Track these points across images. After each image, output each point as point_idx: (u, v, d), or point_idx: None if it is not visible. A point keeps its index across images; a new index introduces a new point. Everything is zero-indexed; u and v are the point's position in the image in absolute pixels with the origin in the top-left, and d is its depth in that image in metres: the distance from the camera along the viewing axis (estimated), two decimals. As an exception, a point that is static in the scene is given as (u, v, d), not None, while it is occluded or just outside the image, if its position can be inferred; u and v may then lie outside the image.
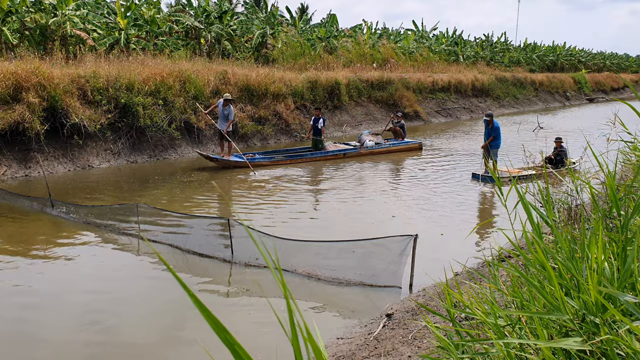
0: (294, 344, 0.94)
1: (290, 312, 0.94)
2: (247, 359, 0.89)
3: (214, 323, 0.88)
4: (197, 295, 0.91)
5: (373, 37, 35.75)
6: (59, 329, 5.47)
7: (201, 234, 7.90)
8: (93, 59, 17.51)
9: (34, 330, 5.42)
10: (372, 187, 12.04)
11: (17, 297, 6.21)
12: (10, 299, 6.17)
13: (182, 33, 26.67)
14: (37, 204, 9.87)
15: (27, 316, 5.73)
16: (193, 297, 0.89)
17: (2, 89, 13.23)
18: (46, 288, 6.50)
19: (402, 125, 17.75)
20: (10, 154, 13.10)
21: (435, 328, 2.30)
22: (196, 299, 0.90)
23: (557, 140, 13.28)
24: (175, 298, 6.06)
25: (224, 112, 14.32)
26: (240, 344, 0.89)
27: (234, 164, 14.15)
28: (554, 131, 21.92)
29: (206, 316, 0.88)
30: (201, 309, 0.89)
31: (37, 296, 6.23)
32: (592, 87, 48.58)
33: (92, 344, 5.15)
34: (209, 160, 14.26)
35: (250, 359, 0.90)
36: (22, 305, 6.01)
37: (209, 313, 0.88)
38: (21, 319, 5.69)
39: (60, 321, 5.63)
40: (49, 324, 5.56)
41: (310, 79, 22.15)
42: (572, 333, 1.83)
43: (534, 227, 2.29)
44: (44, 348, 5.07)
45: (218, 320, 0.88)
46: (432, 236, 8.14)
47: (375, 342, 4.74)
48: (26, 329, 5.42)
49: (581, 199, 4.95)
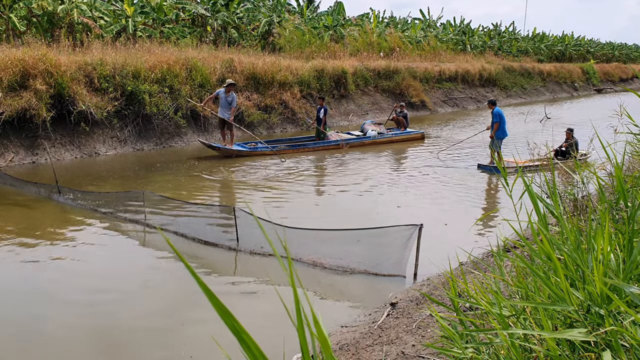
0: (299, 331, 0.94)
1: (297, 300, 0.94)
2: (253, 345, 0.90)
3: (220, 309, 0.88)
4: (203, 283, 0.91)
5: (380, 25, 35.54)
6: (63, 316, 5.51)
7: (206, 222, 7.93)
8: (100, 46, 17.50)
9: (39, 317, 5.47)
10: (375, 177, 12.01)
11: (23, 285, 6.26)
12: (16, 286, 6.23)
13: (189, 20, 26.59)
14: (44, 190, 9.92)
15: (32, 303, 5.78)
16: (201, 282, 0.90)
17: (10, 76, 13.26)
18: (51, 275, 6.55)
19: (405, 115, 17.68)
20: (18, 140, 13.15)
21: (440, 317, 2.31)
22: (204, 284, 0.91)
23: (568, 131, 13.05)
24: (182, 285, 6.10)
25: (227, 99, 14.05)
26: (246, 331, 0.90)
27: (236, 153, 14.14)
28: (561, 122, 21.80)
29: (213, 302, 0.88)
30: (209, 295, 0.90)
31: (42, 283, 6.28)
32: (600, 78, 48.20)
33: (96, 331, 5.19)
34: (212, 149, 14.23)
35: (256, 344, 0.91)
36: (27, 292, 6.06)
37: (216, 299, 0.88)
38: (27, 306, 5.73)
39: (65, 308, 5.68)
40: (53, 312, 5.61)
41: (317, 67, 22.08)
42: (577, 324, 1.83)
43: (539, 217, 2.28)
44: (48, 337, 5.12)
45: (225, 306, 0.89)
46: (437, 226, 8.14)
47: (379, 330, 4.76)
48: (31, 316, 5.47)
49: (588, 190, 4.94)
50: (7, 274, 6.62)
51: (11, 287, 6.22)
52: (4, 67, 13.33)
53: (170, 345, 4.91)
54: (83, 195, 9.53)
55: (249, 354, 0.92)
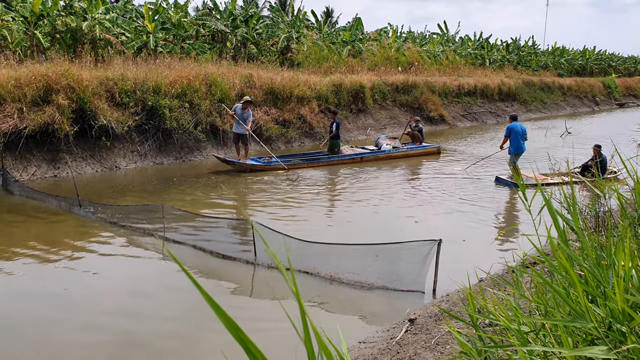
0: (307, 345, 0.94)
1: (303, 314, 0.94)
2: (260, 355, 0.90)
3: (226, 320, 0.88)
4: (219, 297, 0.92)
5: (398, 40, 35.64)
6: (82, 329, 5.55)
7: (224, 236, 7.96)
8: (121, 61, 17.79)
9: (56, 326, 5.51)
10: (392, 191, 11.94)
11: (44, 298, 6.32)
12: (37, 300, 6.29)
13: (209, 36, 26.94)
14: (65, 203, 10.06)
15: (53, 315, 5.83)
16: (205, 294, 0.90)
17: (34, 91, 13.52)
18: (71, 288, 6.61)
19: (420, 129, 17.58)
20: (40, 154, 13.37)
21: (458, 333, 2.28)
22: (209, 297, 0.91)
23: (595, 148, 12.50)
24: (199, 301, 6.10)
25: (243, 116, 14.14)
26: (252, 342, 0.90)
27: (251, 167, 14.13)
28: (582, 137, 21.56)
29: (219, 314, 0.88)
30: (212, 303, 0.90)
31: (61, 294, 6.34)
32: (622, 92, 47.62)
33: (114, 345, 5.21)
34: (226, 163, 14.22)
35: (263, 356, 0.91)
36: (48, 305, 6.12)
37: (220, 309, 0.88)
38: (48, 318, 5.79)
39: (84, 322, 5.71)
40: (71, 322, 5.65)
41: (335, 82, 22.16)
42: (598, 341, 1.79)
43: (559, 232, 2.25)
44: (68, 349, 5.15)
45: (231, 318, 0.89)
46: (456, 241, 8.06)
47: (397, 346, 4.71)
48: (51, 329, 5.51)
49: (609, 205, 4.86)
50: (26, 284, 6.69)
51: (29, 296, 6.28)
52: (28, 82, 13.60)
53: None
54: (103, 208, 9.64)
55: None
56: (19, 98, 13.40)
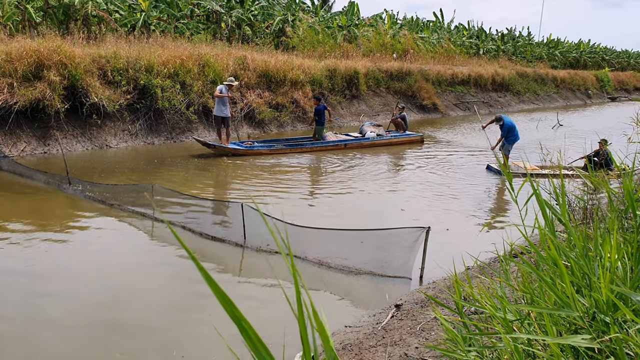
0: (301, 325, 0.94)
1: (298, 289, 0.94)
2: (253, 333, 0.90)
3: (221, 297, 0.89)
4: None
5: (394, 27, 35.48)
6: (70, 310, 5.53)
7: (214, 218, 7.95)
8: (114, 39, 17.60)
9: (41, 304, 5.50)
10: (377, 179, 11.83)
11: (30, 278, 6.28)
12: (23, 279, 6.24)
13: (203, 17, 26.69)
14: (54, 180, 10.00)
15: (38, 296, 5.80)
16: (202, 270, 0.90)
17: (25, 66, 13.37)
18: (59, 267, 6.59)
19: (403, 117, 17.49)
20: (30, 131, 13.26)
21: (444, 320, 2.30)
22: (206, 273, 0.91)
23: (601, 142, 11.99)
24: (189, 278, 6.11)
25: (226, 98, 13.92)
26: (246, 319, 0.90)
27: (232, 152, 13.92)
28: (573, 130, 21.65)
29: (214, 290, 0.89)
30: (209, 281, 0.90)
31: (50, 276, 6.32)
32: (614, 86, 47.80)
33: (103, 326, 5.21)
34: (207, 146, 13.90)
35: (255, 333, 0.91)
36: (34, 284, 6.09)
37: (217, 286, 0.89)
38: (30, 292, 5.77)
39: (72, 302, 5.70)
40: (61, 305, 5.63)
41: (329, 67, 22.09)
42: (582, 331, 1.82)
43: (547, 223, 2.27)
44: (55, 330, 5.14)
45: (226, 293, 0.89)
46: (443, 229, 8.10)
47: (383, 331, 4.75)
48: (37, 310, 5.50)
49: (598, 198, 4.90)
50: (11, 260, 6.66)
51: (15, 272, 6.24)
52: (19, 57, 13.44)
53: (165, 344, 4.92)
54: (92, 186, 9.59)
55: (249, 341, 0.92)
56: (9, 73, 13.25)
